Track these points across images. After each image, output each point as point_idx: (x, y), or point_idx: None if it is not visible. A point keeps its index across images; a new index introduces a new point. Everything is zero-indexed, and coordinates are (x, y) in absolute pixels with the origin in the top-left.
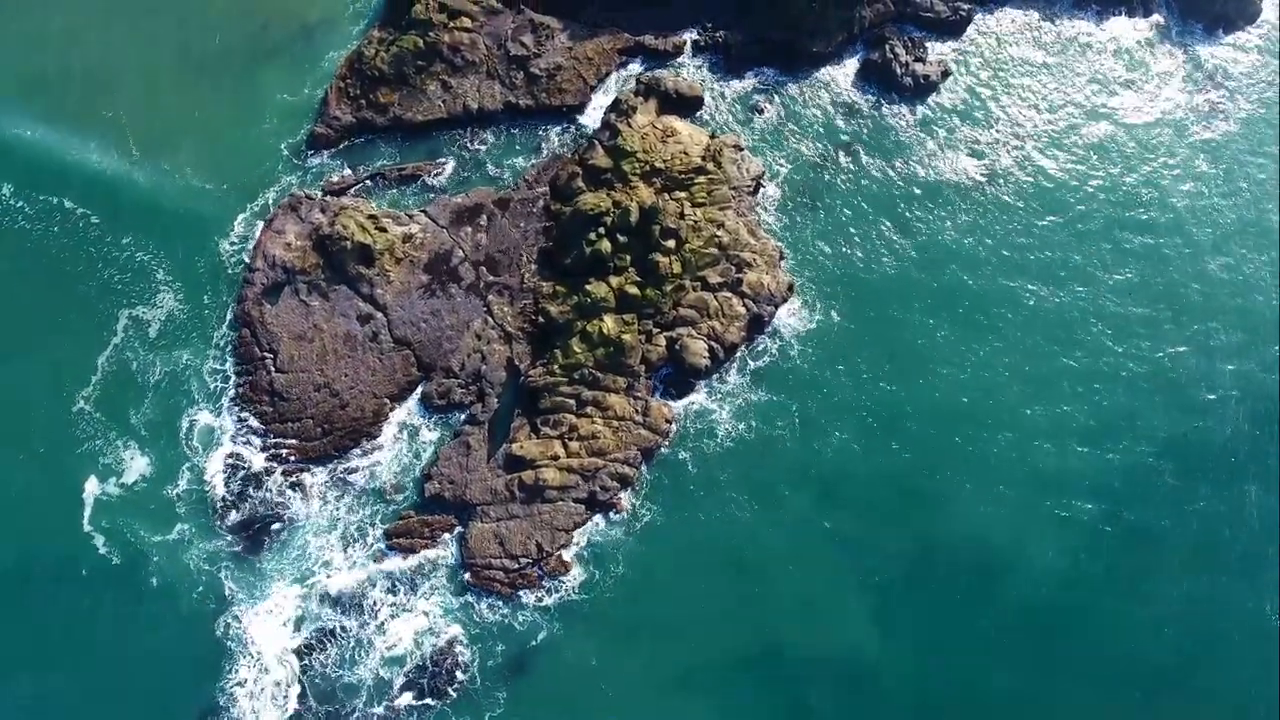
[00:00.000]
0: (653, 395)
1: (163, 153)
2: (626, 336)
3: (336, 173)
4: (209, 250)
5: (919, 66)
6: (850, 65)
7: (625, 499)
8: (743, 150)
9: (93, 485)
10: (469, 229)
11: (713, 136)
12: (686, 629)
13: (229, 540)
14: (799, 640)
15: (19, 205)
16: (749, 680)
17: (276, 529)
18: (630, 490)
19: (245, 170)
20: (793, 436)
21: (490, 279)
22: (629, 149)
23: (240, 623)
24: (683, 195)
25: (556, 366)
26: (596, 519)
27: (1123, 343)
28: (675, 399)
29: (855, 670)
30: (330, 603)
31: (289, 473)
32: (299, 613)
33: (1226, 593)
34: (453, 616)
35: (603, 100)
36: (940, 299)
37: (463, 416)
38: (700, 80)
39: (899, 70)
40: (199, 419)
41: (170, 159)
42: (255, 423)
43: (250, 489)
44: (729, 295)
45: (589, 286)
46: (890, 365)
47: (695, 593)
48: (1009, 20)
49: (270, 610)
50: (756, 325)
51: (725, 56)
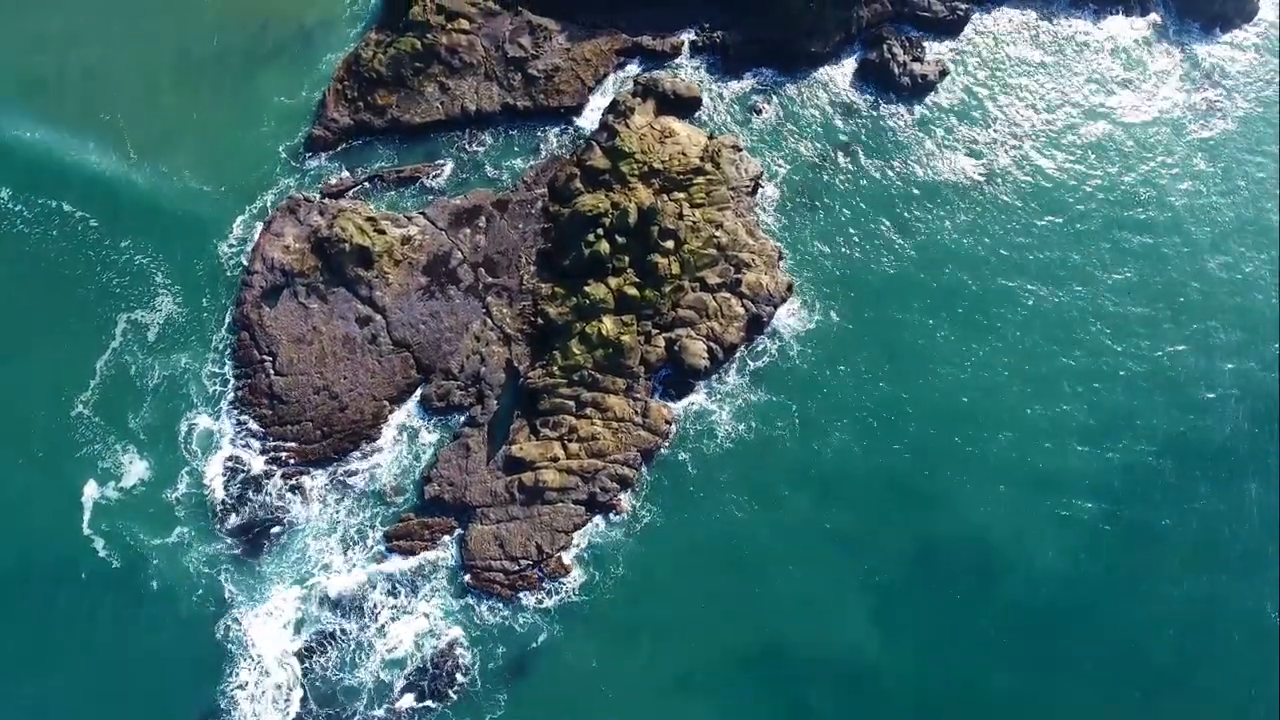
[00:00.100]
0: (652, 396)
1: (161, 155)
2: (625, 337)
3: (335, 175)
4: (207, 253)
5: (917, 66)
6: (848, 65)
7: (625, 500)
8: (741, 151)
9: (92, 489)
10: (468, 231)
11: (711, 137)
12: (687, 630)
13: (229, 543)
14: (799, 641)
15: (17, 209)
16: (750, 681)
17: (276, 532)
18: (630, 491)
19: (243, 173)
20: (792, 437)
21: (489, 281)
22: (627, 150)
23: (240, 625)
24: (681, 196)
25: (556, 368)
26: (596, 520)
27: (1122, 342)
28: (674, 400)
29: (855, 670)
30: (330, 605)
31: (288, 475)
32: (299, 615)
33: (1227, 591)
34: (453, 619)
35: (601, 101)
36: (939, 298)
37: (462, 418)
38: (698, 81)
39: (897, 70)
40: (198, 422)
41: (168, 161)
42: (254, 426)
43: (250, 492)
44: (728, 296)
45: (588, 288)
46: (890, 365)
47: (695, 594)
48: (1006, 20)
49: (270, 613)
50: (755, 326)
51: (723, 57)
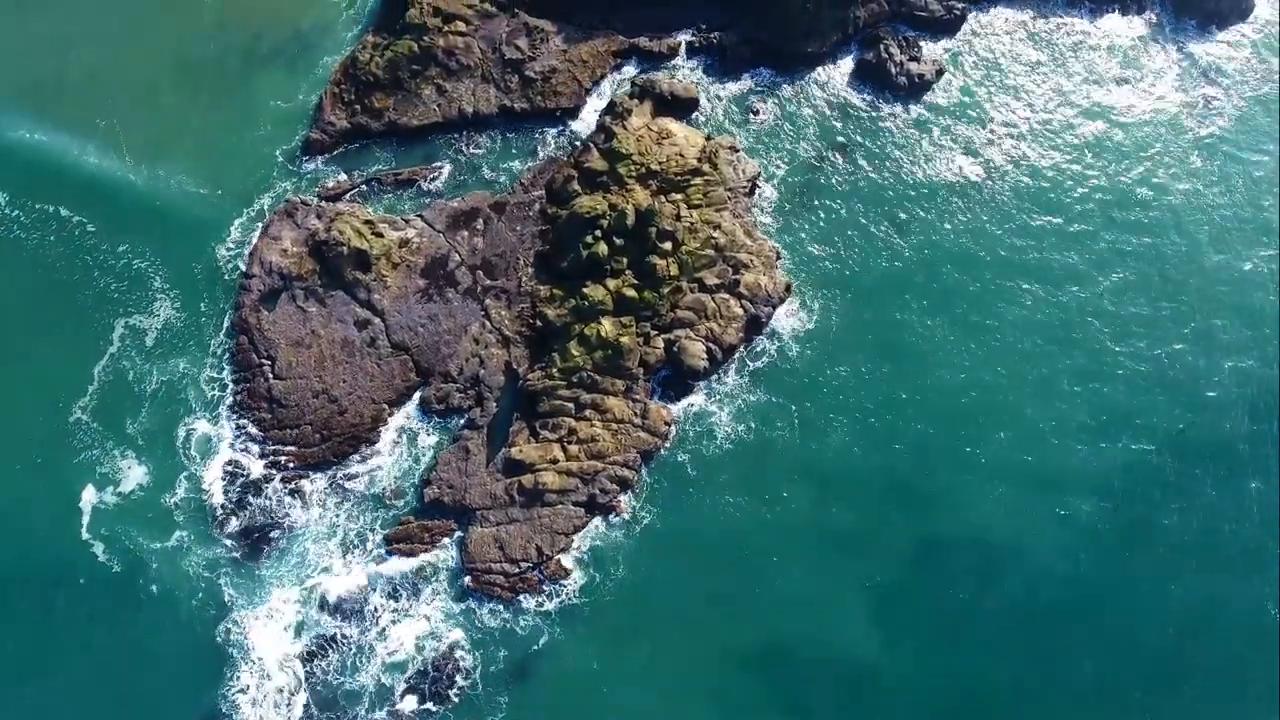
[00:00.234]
0: (651, 397)
1: (158, 159)
2: (624, 339)
3: (332, 178)
4: (205, 257)
5: (913, 66)
6: (845, 65)
7: (625, 502)
8: (738, 151)
9: (90, 494)
10: (465, 233)
11: (708, 138)
12: (687, 631)
13: (228, 547)
14: (799, 641)
15: (15, 214)
16: (750, 681)
17: (275, 536)
18: (629, 493)
19: (241, 176)
20: (792, 437)
21: (487, 283)
22: (624, 151)
23: (241, 629)
24: (679, 197)
25: (555, 370)
26: (596, 522)
27: (1121, 341)
28: (674, 401)
29: (856, 671)
30: (331, 609)
31: (288, 479)
32: (299, 619)
33: (1227, 590)
34: (454, 621)
35: (598, 103)
36: (938, 298)
37: (461, 421)
38: (695, 82)
39: (894, 70)
40: (196, 427)
41: (166, 165)
42: (254, 430)
43: (249, 496)
44: (726, 297)
45: (586, 289)
46: (889, 365)
47: (696, 595)
48: (1003, 19)
49: (271, 616)
50: (754, 326)
51: (720, 58)
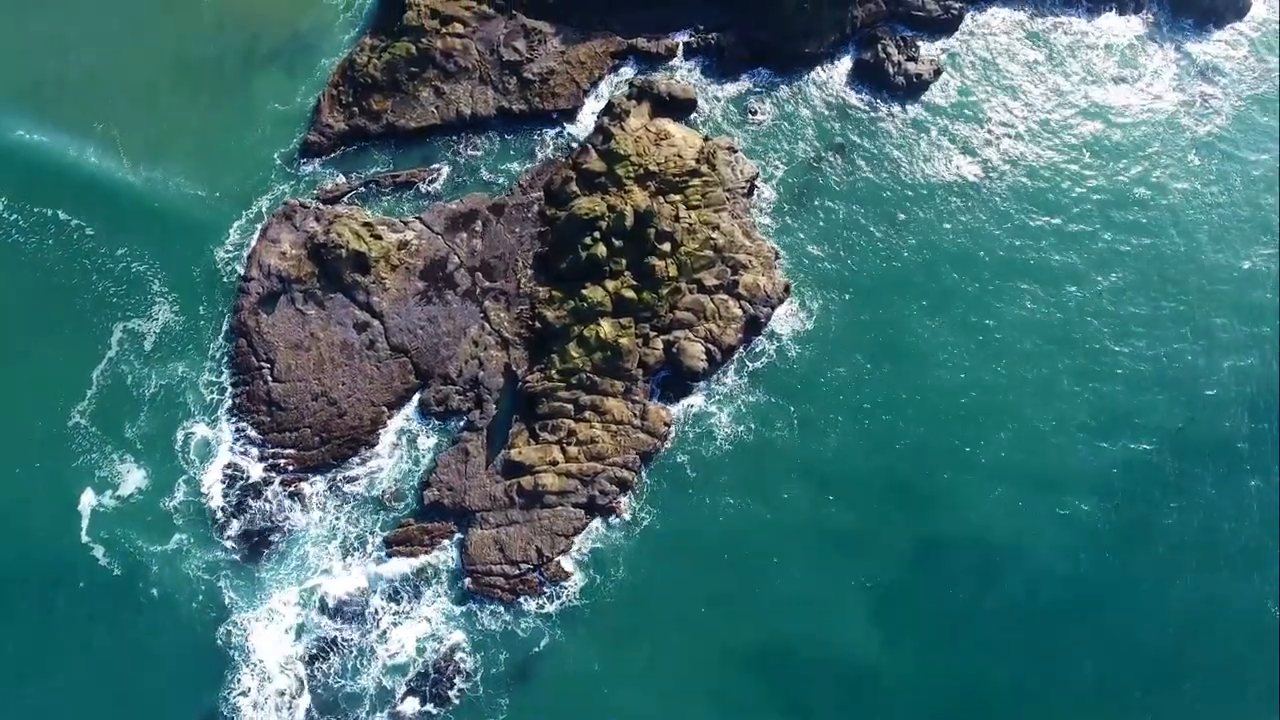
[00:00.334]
0: (650, 399)
1: (156, 162)
2: (623, 340)
3: (330, 180)
4: (204, 260)
5: (911, 66)
6: (843, 65)
7: (624, 503)
8: (736, 152)
9: (89, 498)
10: (464, 235)
11: (706, 139)
12: (688, 631)
13: (228, 550)
14: (799, 641)
15: (13, 218)
16: (750, 681)
17: (275, 539)
18: (629, 494)
19: (239, 179)
20: (791, 437)
21: (486, 285)
22: (623, 152)
23: (241, 632)
24: (677, 198)
25: (554, 371)
26: (596, 523)
27: (1120, 340)
28: (673, 402)
29: (856, 671)
30: (331, 611)
31: (287, 482)
32: (300, 621)
33: (1227, 588)
34: (454, 623)
35: (596, 104)
36: (937, 298)
37: (461, 423)
38: (693, 82)
39: (891, 70)
40: (195, 430)
41: (164, 168)
42: (253, 433)
43: (249, 499)
44: (725, 297)
45: (585, 291)
46: (888, 365)
47: (696, 595)
48: (1000, 18)
49: (271, 619)
50: (753, 327)
51: (718, 58)
